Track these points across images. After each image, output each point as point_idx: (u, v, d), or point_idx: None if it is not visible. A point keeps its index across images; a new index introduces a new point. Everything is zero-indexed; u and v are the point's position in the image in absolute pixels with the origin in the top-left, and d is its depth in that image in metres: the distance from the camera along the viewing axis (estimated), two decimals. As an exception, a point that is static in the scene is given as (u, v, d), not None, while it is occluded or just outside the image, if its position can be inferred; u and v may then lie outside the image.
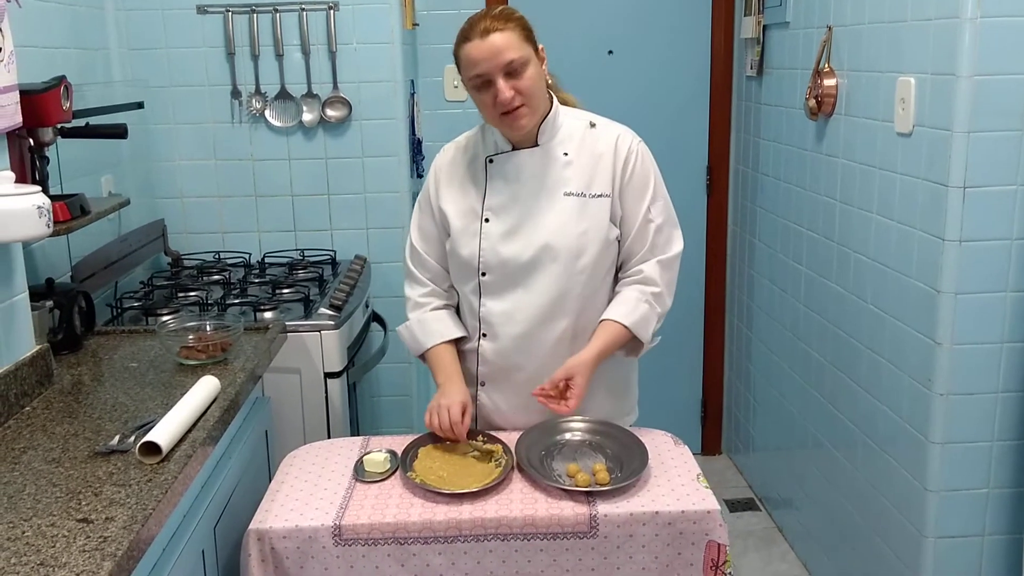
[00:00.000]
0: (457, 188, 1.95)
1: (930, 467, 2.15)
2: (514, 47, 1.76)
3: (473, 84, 1.80)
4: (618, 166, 1.89)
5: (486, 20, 1.76)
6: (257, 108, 3.01)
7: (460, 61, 1.81)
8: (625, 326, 1.88)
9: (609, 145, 1.90)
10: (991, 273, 2.04)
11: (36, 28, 2.31)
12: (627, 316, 1.89)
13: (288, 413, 2.45)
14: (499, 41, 1.75)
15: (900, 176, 2.23)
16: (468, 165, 1.96)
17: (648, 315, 1.90)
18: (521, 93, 1.78)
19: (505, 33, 1.76)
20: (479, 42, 1.75)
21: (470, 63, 1.78)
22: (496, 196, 1.91)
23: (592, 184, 1.88)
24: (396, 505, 1.67)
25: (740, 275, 3.59)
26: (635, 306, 1.90)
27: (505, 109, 1.79)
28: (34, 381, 1.78)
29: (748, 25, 3.26)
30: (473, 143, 1.98)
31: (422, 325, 2.00)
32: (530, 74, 1.79)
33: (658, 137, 3.48)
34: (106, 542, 1.23)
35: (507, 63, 1.76)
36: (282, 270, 2.92)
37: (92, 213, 2.10)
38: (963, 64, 1.95)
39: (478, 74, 1.77)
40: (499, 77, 1.76)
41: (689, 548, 1.66)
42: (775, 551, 3.11)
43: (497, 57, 1.75)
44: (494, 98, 1.78)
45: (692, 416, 3.89)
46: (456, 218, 1.94)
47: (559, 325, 1.91)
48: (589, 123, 1.94)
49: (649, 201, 1.90)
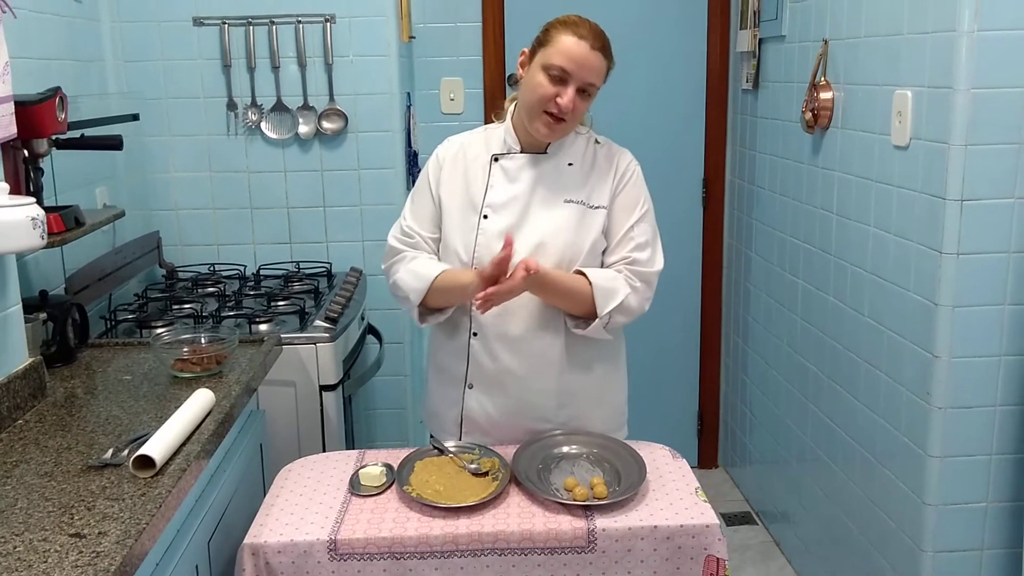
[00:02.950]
0: (459, 180, 1.96)
1: (928, 481, 2.14)
2: (601, 76, 1.85)
3: (548, 70, 1.82)
4: (615, 180, 1.95)
5: (603, 37, 1.84)
6: (253, 120, 3.00)
7: (554, 41, 1.83)
8: (591, 282, 1.85)
9: (611, 160, 1.96)
10: (989, 286, 2.04)
11: (31, 39, 2.31)
12: (597, 275, 1.87)
13: (283, 426, 2.43)
14: (599, 64, 1.83)
15: (897, 189, 2.23)
16: (471, 160, 1.98)
17: (616, 292, 1.86)
18: (574, 112, 1.84)
19: (606, 62, 1.85)
20: (587, 48, 1.80)
21: (564, 54, 1.80)
22: (497, 194, 1.93)
23: (592, 195, 1.93)
24: (392, 519, 1.66)
25: (736, 288, 3.58)
26: (613, 276, 1.89)
27: (554, 112, 1.83)
28: (27, 394, 1.76)
29: (744, 39, 3.27)
30: (477, 140, 2.01)
31: (417, 264, 1.93)
32: (587, 104, 1.88)
33: (654, 150, 3.54)
34: (99, 557, 1.21)
35: (589, 84, 1.83)
36: (277, 282, 2.91)
37: (86, 225, 2.09)
38: (960, 77, 1.96)
39: (564, 68, 1.80)
40: (574, 86, 1.81)
41: (688, 563, 1.65)
42: (772, 565, 3.09)
43: (588, 73, 1.82)
44: (555, 95, 1.82)
45: (688, 429, 3.88)
46: (453, 209, 1.95)
47: (550, 330, 1.92)
48: (595, 140, 2.00)
49: (635, 220, 1.93)
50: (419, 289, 1.89)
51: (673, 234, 2.01)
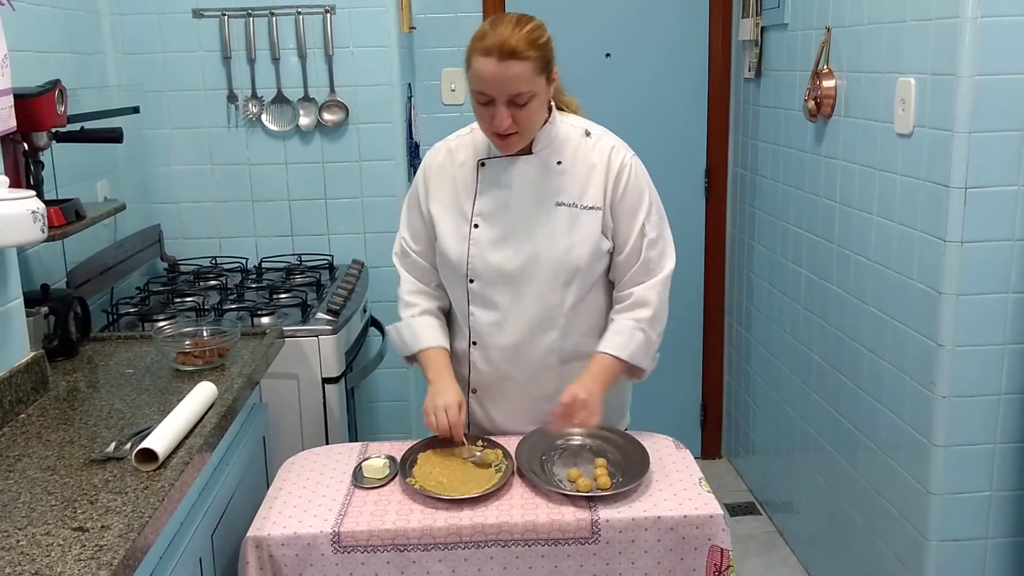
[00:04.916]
0: (447, 190, 1.93)
1: (932, 470, 2.13)
2: (526, 80, 1.71)
3: (475, 96, 1.77)
4: (610, 181, 1.86)
5: (511, 40, 1.69)
6: (253, 112, 3.00)
7: (470, 66, 1.76)
8: (622, 359, 1.87)
9: (602, 157, 1.87)
10: (993, 274, 2.03)
11: (30, 32, 2.30)
12: (623, 348, 1.87)
13: (286, 419, 2.43)
14: (513, 71, 1.69)
15: (900, 177, 2.22)
16: (459, 167, 1.93)
17: (644, 343, 1.89)
18: (518, 123, 1.76)
19: (523, 64, 1.70)
20: (495, 64, 1.69)
21: (479, 78, 1.73)
22: (486, 202, 1.88)
23: (584, 195, 1.86)
24: (395, 511, 1.66)
25: (739, 278, 3.57)
26: (630, 336, 1.88)
27: (498, 132, 1.77)
28: (29, 388, 1.76)
29: (746, 27, 3.25)
30: (464, 144, 1.95)
31: (411, 329, 1.97)
32: (533, 107, 1.76)
33: (656, 140, 3.53)
34: (102, 551, 1.21)
35: (515, 95, 1.72)
36: (279, 275, 2.90)
37: (87, 218, 2.09)
38: (964, 64, 1.94)
39: (482, 92, 1.74)
40: (502, 104, 1.73)
41: (692, 553, 1.64)
42: (776, 555, 3.09)
43: (506, 86, 1.71)
44: (492, 117, 1.76)
45: (691, 420, 3.88)
46: (444, 220, 1.92)
47: (548, 336, 1.90)
48: (584, 131, 1.90)
49: (644, 217, 1.88)
50: (403, 351, 1.99)
51: (676, 224, 1.98)
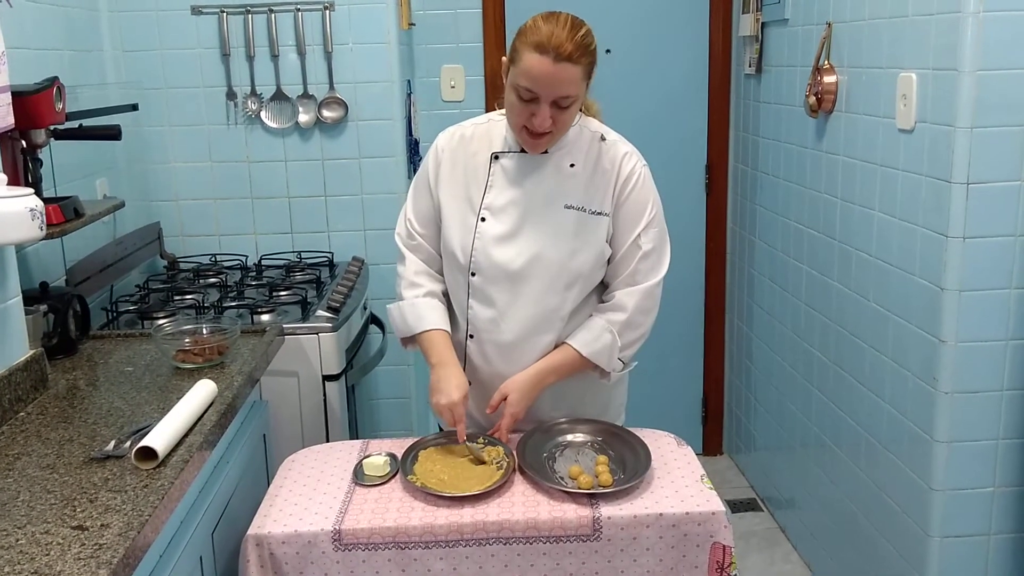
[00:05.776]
0: (458, 177, 1.91)
1: (935, 466, 2.13)
2: (575, 84, 1.71)
3: (517, 91, 1.74)
4: (618, 185, 1.86)
5: (567, 43, 1.66)
6: (253, 109, 2.99)
7: (519, 60, 1.71)
8: (583, 355, 1.86)
9: (614, 162, 1.86)
10: (995, 270, 2.02)
11: (28, 29, 2.29)
12: (586, 345, 1.87)
13: (286, 417, 2.43)
14: (568, 76, 1.69)
15: (902, 173, 2.22)
16: (471, 156, 1.91)
17: (610, 345, 1.87)
18: (556, 124, 1.75)
19: (576, 68, 1.69)
20: (550, 65, 1.67)
21: (528, 75, 1.69)
22: (496, 196, 1.87)
23: (593, 200, 1.85)
24: (396, 509, 1.65)
25: (740, 274, 3.57)
26: (598, 335, 1.87)
27: (537, 130, 1.76)
28: (28, 386, 1.75)
29: (746, 23, 3.24)
30: (479, 134, 1.93)
31: (415, 309, 1.94)
32: (573, 111, 1.77)
33: (656, 137, 3.52)
34: (101, 549, 1.21)
35: (562, 96, 1.71)
36: (279, 272, 2.90)
37: (86, 216, 2.08)
38: (965, 59, 1.94)
39: (529, 89, 1.71)
40: (547, 103, 1.72)
41: (694, 550, 1.64)
42: (778, 552, 3.09)
43: (557, 88, 1.69)
44: (530, 115, 1.74)
45: (693, 416, 3.87)
46: (451, 208, 1.90)
47: (545, 338, 1.88)
48: (600, 136, 1.89)
49: (643, 228, 1.87)
50: (403, 331, 1.95)
51: (676, 221, 1.98)
